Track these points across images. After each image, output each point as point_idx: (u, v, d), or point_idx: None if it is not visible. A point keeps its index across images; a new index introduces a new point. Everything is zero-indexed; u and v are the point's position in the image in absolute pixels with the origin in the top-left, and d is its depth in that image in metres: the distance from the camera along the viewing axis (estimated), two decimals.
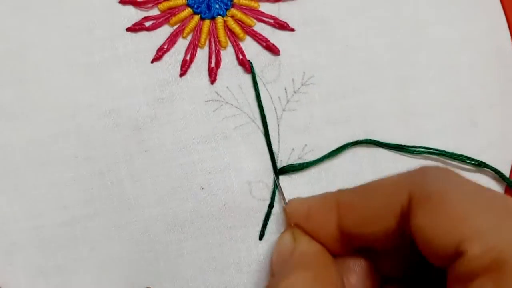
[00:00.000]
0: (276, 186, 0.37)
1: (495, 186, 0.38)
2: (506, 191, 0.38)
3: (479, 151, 0.38)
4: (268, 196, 0.37)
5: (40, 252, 0.35)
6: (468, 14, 0.39)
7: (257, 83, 0.37)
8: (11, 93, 0.36)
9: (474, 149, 0.38)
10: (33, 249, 0.35)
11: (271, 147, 0.37)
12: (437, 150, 0.37)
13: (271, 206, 0.37)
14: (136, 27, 0.37)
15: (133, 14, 0.37)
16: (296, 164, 0.37)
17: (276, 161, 0.37)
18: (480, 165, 0.38)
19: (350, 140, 0.37)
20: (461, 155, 0.38)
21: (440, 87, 0.39)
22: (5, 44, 0.36)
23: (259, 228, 0.37)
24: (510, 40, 0.39)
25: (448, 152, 0.37)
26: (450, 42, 0.39)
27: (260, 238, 0.36)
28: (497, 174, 0.38)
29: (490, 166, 0.38)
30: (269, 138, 0.37)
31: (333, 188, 0.37)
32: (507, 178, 0.38)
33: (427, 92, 0.38)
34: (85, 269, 0.36)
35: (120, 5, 0.37)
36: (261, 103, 0.37)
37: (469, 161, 0.38)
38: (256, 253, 0.36)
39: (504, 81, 0.39)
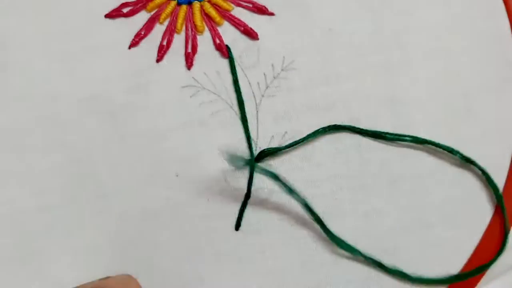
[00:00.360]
0: (253, 174, 0.35)
1: (481, 187, 0.36)
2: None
3: (473, 142, 0.36)
4: (244, 185, 0.36)
5: (15, 238, 0.35)
6: None
7: (235, 68, 0.36)
8: None
9: (468, 140, 0.36)
10: (8, 234, 0.35)
11: (248, 133, 0.36)
12: (423, 139, 0.35)
13: (247, 195, 0.35)
14: (114, 14, 0.37)
15: (111, 0, 0.37)
16: (272, 148, 0.35)
17: (254, 149, 0.36)
18: (468, 161, 0.35)
19: None
20: (448, 147, 0.35)
21: (430, 72, 0.36)
22: None
23: (235, 217, 0.35)
24: (508, 21, 0.37)
25: (434, 142, 0.35)
26: (440, 24, 0.37)
27: (236, 228, 0.35)
28: (484, 176, 0.35)
29: (478, 165, 0.35)
30: (247, 125, 0.36)
31: (315, 178, 0.36)
32: (493, 183, 0.35)
33: (415, 78, 0.36)
34: (61, 255, 0.35)
35: None
36: (239, 88, 0.36)
37: (457, 155, 0.35)
38: (232, 244, 0.35)
39: (504, 65, 0.37)
